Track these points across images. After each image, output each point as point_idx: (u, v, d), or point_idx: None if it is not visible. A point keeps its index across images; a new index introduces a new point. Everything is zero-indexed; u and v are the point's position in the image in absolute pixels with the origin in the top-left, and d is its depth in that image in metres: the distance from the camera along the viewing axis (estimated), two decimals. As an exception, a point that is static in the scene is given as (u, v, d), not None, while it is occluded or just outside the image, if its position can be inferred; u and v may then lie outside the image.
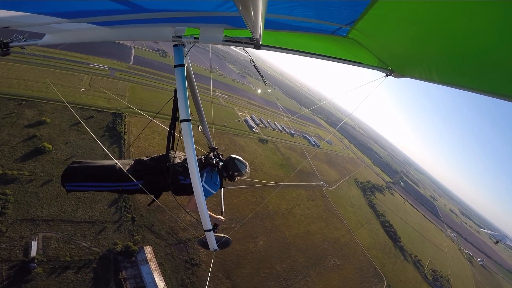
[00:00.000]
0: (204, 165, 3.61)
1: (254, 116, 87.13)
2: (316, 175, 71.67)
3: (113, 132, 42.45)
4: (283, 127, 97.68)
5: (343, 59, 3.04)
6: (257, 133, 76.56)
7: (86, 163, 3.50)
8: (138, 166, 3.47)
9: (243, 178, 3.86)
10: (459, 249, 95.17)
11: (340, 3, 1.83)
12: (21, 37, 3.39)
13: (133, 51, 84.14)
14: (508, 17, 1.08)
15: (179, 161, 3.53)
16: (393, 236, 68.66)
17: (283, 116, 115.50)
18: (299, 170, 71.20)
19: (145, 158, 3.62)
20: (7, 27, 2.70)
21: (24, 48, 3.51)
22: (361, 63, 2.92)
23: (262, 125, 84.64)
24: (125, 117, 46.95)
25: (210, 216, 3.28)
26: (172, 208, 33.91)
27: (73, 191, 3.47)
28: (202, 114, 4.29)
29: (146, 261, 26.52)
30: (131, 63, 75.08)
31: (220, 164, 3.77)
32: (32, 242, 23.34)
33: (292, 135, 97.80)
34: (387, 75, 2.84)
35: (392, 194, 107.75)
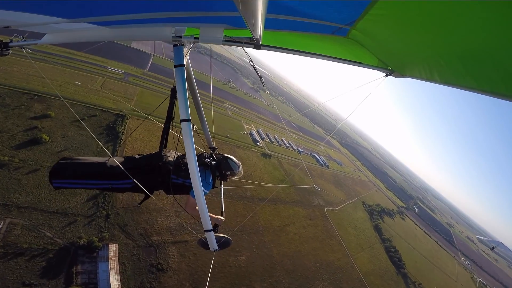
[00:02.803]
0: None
1: (260, 130, 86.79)
2: (310, 178, 68.96)
3: (112, 131, 43.76)
4: (290, 144, 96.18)
5: (343, 59, 3.07)
6: (261, 147, 75.70)
7: (76, 159, 3.44)
8: (129, 164, 3.39)
9: (236, 178, 3.88)
10: (472, 278, 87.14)
11: (341, 3, 1.84)
12: (21, 37, 3.44)
13: (151, 58, 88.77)
14: (508, 17, 1.09)
15: (171, 159, 3.51)
16: (397, 263, 63.59)
17: (293, 133, 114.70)
18: (299, 187, 68.84)
19: (136, 156, 3.59)
20: (7, 27, 2.75)
21: (23, 48, 3.54)
22: (361, 63, 2.94)
23: (267, 140, 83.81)
24: (127, 119, 48.45)
25: (210, 216, 3.22)
26: (151, 210, 33.49)
27: (61, 188, 3.44)
28: (202, 114, 4.35)
29: (106, 259, 25.87)
30: (147, 69, 78.88)
31: (213, 163, 3.76)
32: (-4, 226, 23.50)
33: (299, 152, 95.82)
34: (387, 75, 2.87)
35: (403, 219, 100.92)
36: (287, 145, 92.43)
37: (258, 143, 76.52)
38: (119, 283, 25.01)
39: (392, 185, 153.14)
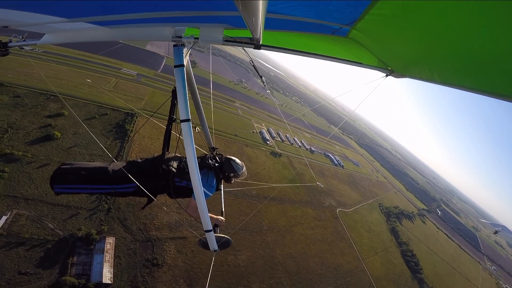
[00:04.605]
0: (201, 167, 3.52)
1: (271, 129, 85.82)
2: (320, 177, 66.71)
3: (121, 129, 45.23)
4: (303, 143, 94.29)
5: (343, 59, 3.09)
6: (270, 146, 74.74)
7: (77, 164, 3.44)
8: (131, 168, 3.39)
9: (240, 179, 3.92)
10: (497, 284, 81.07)
11: (341, 3, 1.84)
12: (20, 36, 3.49)
13: (164, 60, 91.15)
14: (509, 18, 1.10)
15: (174, 162, 3.55)
16: (413, 267, 60.03)
17: (307, 132, 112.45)
18: (311, 188, 66.90)
19: (138, 160, 3.61)
20: (6, 27, 2.79)
21: (23, 48, 3.68)
22: (361, 63, 2.95)
23: (278, 139, 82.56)
24: (137, 117, 49.91)
25: (210, 216, 3.26)
26: (152, 206, 33.95)
27: (63, 193, 3.46)
28: (202, 114, 4.40)
29: (102, 251, 26.36)
30: (160, 71, 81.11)
31: (216, 165, 3.77)
32: (3, 216, 24.82)
33: (312, 152, 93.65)
34: (387, 75, 2.88)
35: (423, 222, 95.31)
36: (299, 144, 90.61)
37: (268, 142, 75.65)
38: (111, 276, 25.40)
39: (413, 187, 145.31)
